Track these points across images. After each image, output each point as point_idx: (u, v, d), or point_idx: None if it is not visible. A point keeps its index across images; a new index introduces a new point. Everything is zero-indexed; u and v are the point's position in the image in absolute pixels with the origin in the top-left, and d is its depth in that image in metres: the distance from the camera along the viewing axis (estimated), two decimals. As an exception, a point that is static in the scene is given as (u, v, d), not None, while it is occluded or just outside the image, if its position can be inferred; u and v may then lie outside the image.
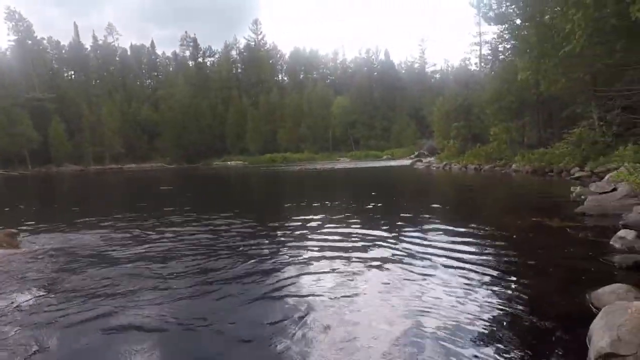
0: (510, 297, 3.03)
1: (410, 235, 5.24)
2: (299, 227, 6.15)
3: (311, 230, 5.88)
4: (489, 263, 3.88)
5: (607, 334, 1.98)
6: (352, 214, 7.39)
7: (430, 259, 4.06)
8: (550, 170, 14.57)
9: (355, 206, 8.47)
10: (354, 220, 6.67)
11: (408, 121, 59.19)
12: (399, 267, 3.83)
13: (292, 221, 6.76)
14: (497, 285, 3.28)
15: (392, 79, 67.84)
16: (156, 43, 78.14)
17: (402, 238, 5.05)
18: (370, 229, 5.73)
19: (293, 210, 8.27)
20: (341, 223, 6.34)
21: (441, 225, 6.03)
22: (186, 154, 61.82)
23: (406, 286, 3.30)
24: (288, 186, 17.41)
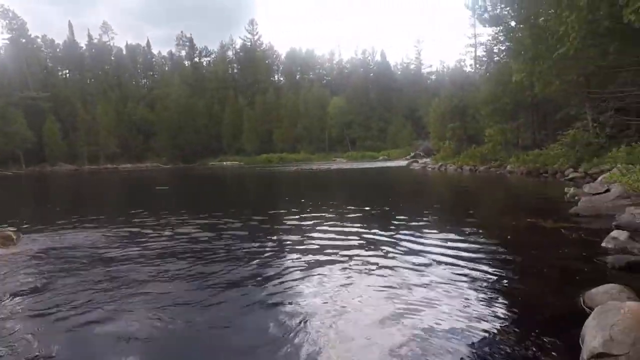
0: (504, 297, 3.05)
1: (405, 236, 5.25)
2: (295, 229, 6.15)
3: (307, 231, 5.88)
4: (484, 263, 3.91)
5: (600, 334, 1.99)
6: (349, 215, 7.40)
7: (425, 260, 4.08)
8: (544, 171, 14.66)
9: (351, 207, 8.48)
10: (350, 221, 6.69)
11: (404, 122, 59.32)
12: (395, 268, 3.84)
13: (288, 222, 6.76)
14: (492, 285, 3.30)
15: (388, 80, 68.05)
16: (152, 42, 77.81)
17: (398, 239, 5.06)
18: (366, 230, 5.74)
19: (289, 211, 8.26)
20: (337, 224, 6.35)
21: (437, 225, 6.06)
22: (182, 154, 61.52)
23: (402, 287, 3.32)
24: (284, 187, 17.40)
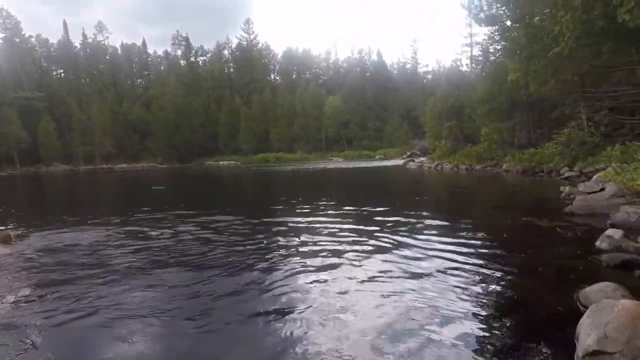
0: (499, 296, 3.08)
1: (402, 234, 5.27)
2: (292, 228, 6.14)
3: (303, 231, 5.87)
4: (480, 262, 3.92)
5: (594, 332, 2.01)
6: (345, 215, 7.41)
7: (421, 258, 4.10)
8: (540, 170, 14.75)
9: (347, 207, 8.49)
10: (347, 219, 6.69)
11: (400, 121, 59.40)
12: (391, 266, 3.86)
13: (284, 222, 6.74)
14: (487, 283, 3.32)
15: (385, 80, 68.05)
16: (147, 42, 77.58)
17: (394, 237, 5.07)
18: (363, 228, 5.74)
19: (285, 211, 8.26)
20: (334, 224, 6.34)
21: (433, 224, 6.08)
22: (178, 154, 61.28)
23: (398, 284, 3.33)
24: (280, 186, 17.37)
